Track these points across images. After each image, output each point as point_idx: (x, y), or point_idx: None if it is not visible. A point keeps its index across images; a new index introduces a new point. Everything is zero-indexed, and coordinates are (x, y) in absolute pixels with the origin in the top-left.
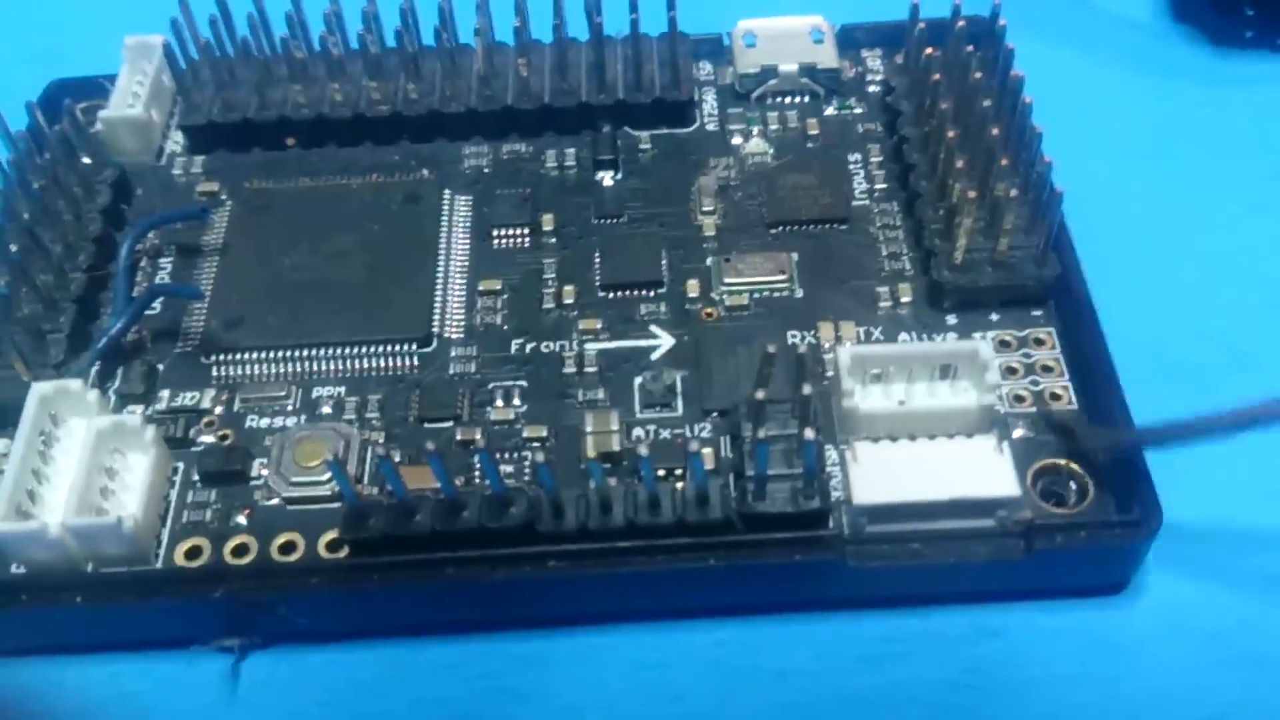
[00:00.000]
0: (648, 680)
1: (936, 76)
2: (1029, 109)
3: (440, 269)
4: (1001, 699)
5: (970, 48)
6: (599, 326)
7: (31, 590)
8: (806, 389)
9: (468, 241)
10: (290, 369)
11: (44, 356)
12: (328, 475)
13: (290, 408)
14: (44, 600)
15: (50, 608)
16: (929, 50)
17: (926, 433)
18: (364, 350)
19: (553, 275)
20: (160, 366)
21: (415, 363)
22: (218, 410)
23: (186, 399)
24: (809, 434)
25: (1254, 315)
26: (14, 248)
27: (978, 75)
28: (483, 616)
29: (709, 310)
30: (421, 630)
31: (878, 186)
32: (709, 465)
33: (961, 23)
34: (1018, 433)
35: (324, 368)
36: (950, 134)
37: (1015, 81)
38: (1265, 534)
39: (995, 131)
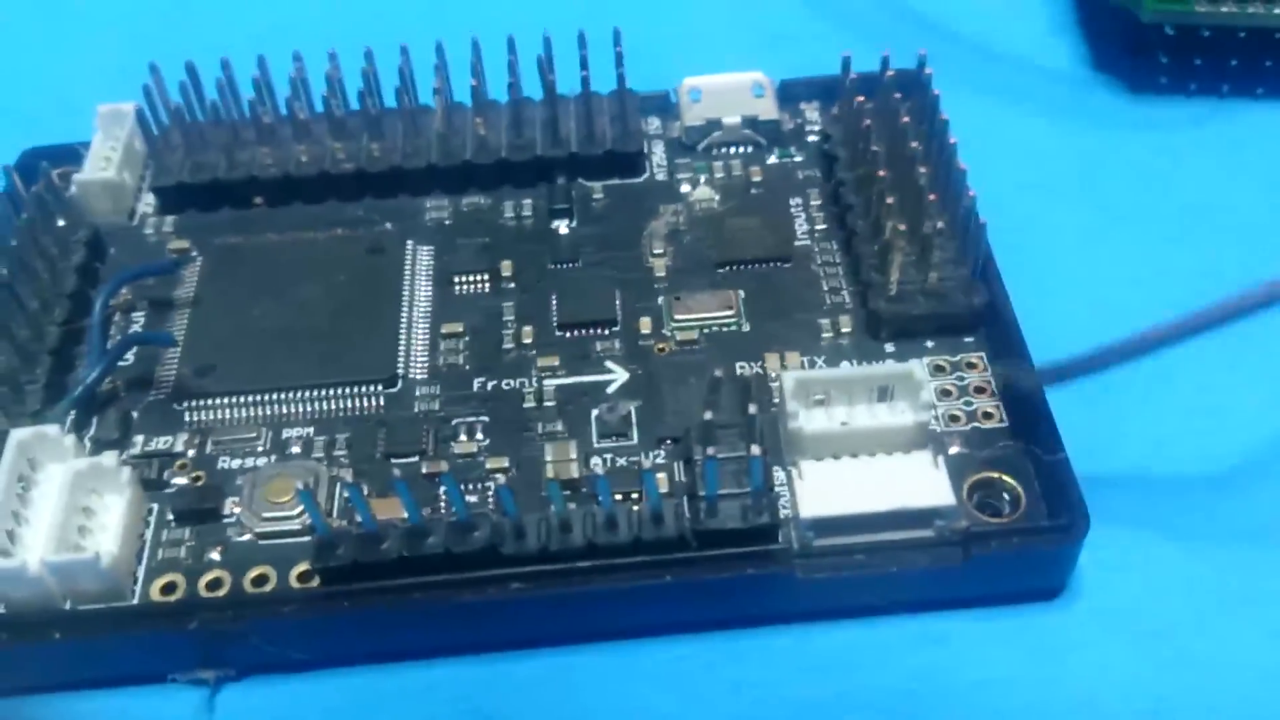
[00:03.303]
0: (611, 697)
1: (868, 123)
2: (954, 149)
3: (404, 314)
4: (947, 702)
5: (898, 95)
6: (557, 364)
7: (10, 629)
8: (752, 409)
9: (430, 288)
10: (260, 412)
11: (21, 407)
12: (298, 510)
13: (261, 449)
14: (23, 638)
15: (29, 645)
16: (860, 99)
17: (867, 451)
18: (331, 392)
19: (512, 317)
20: (134, 414)
21: (381, 403)
22: (190, 453)
23: (160, 443)
24: (755, 450)
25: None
26: None
27: (906, 119)
28: (451, 640)
29: (661, 345)
30: (392, 656)
31: (818, 227)
32: (664, 489)
33: (891, 73)
34: (953, 449)
35: (293, 410)
36: (881, 174)
37: (941, 124)
38: (1192, 536)
39: (923, 170)
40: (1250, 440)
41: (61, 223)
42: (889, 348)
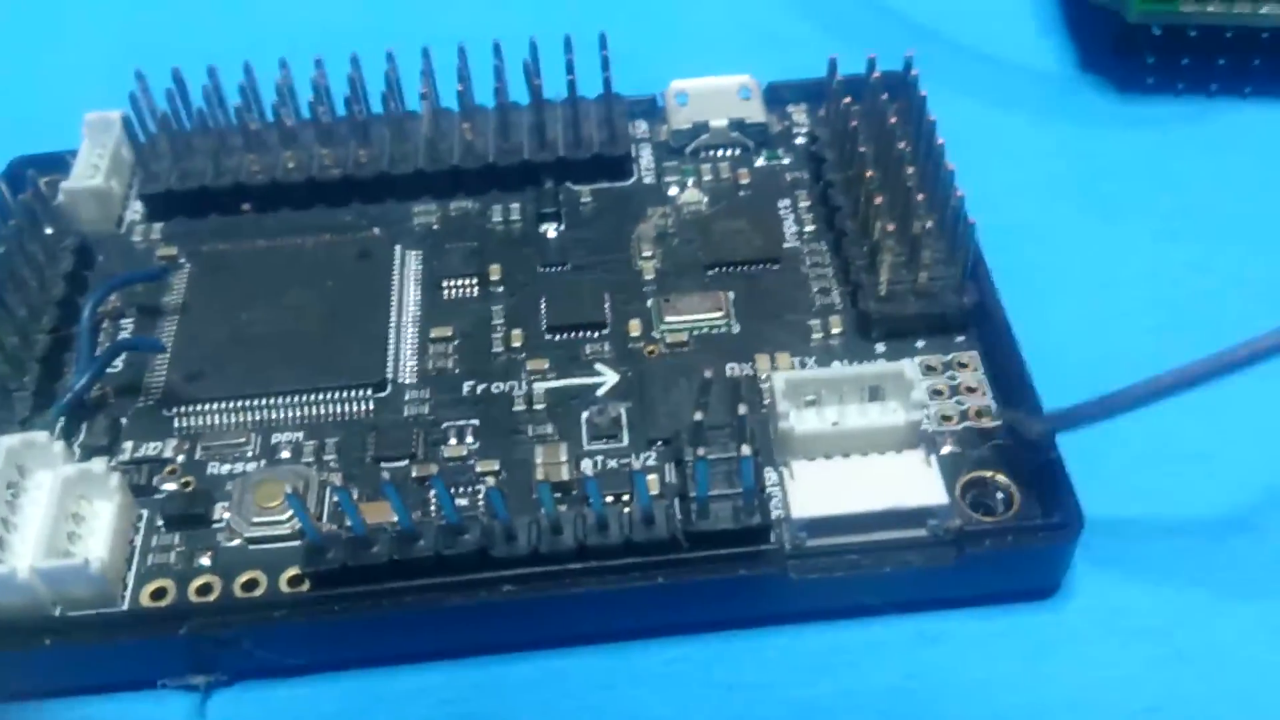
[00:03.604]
0: (604, 700)
1: (855, 123)
2: (942, 150)
3: (393, 319)
4: (942, 702)
5: (885, 96)
6: (546, 367)
7: (1, 634)
8: (742, 409)
9: (419, 293)
10: (250, 417)
11: (10, 414)
12: (287, 515)
13: (250, 454)
14: (13, 645)
15: (19, 652)
16: (847, 100)
17: (859, 451)
18: (321, 397)
19: (501, 321)
20: (123, 420)
21: (371, 407)
22: (179, 459)
23: (149, 449)
24: (745, 450)
25: (1164, 335)
26: None
27: (893, 120)
28: (442, 644)
29: (651, 348)
30: (382, 661)
31: (806, 229)
32: (655, 491)
33: (877, 75)
34: (945, 449)
35: (282, 415)
36: (869, 174)
37: (928, 124)
38: (1186, 534)
39: (911, 170)
40: (1246, 438)
41: (49, 231)
42: (880, 348)
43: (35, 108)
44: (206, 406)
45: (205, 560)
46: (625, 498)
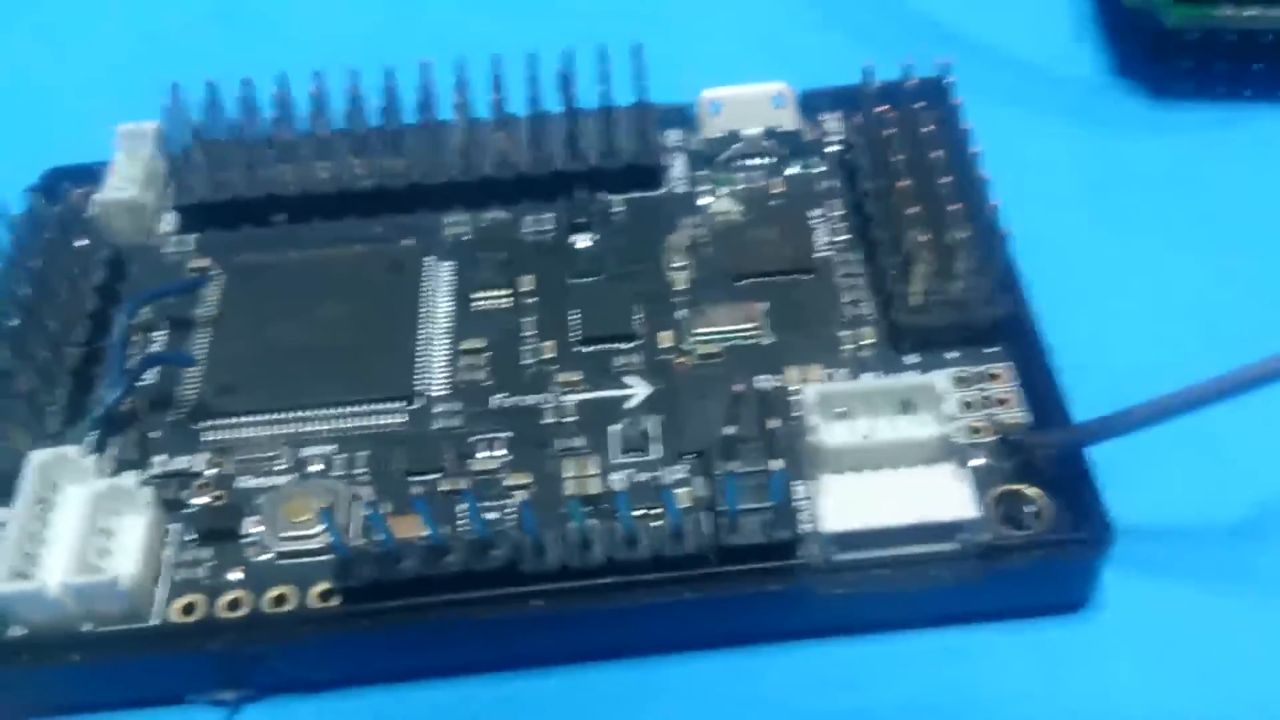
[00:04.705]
0: (632, 715)
1: (889, 131)
2: (977, 158)
3: (424, 331)
4: (969, 716)
5: (920, 104)
6: (577, 379)
7: (31, 650)
8: (773, 423)
9: (450, 305)
10: (281, 431)
11: (41, 428)
12: (317, 530)
13: (281, 468)
14: (44, 660)
15: (50, 668)
16: (882, 108)
17: (890, 464)
18: (352, 410)
19: (532, 333)
20: (154, 434)
21: (402, 420)
22: (210, 473)
23: (180, 463)
24: (776, 465)
25: (1196, 345)
26: (14, 322)
27: (927, 129)
28: (471, 659)
29: (682, 359)
30: (412, 675)
31: (839, 238)
32: (685, 504)
33: (913, 82)
34: (977, 461)
35: (313, 428)
36: (903, 184)
37: (963, 133)
38: (1216, 548)
39: (945, 180)
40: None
41: (85, 242)
42: (911, 359)
43: (69, 119)
44: (237, 420)
45: (235, 575)
46: (656, 511)
